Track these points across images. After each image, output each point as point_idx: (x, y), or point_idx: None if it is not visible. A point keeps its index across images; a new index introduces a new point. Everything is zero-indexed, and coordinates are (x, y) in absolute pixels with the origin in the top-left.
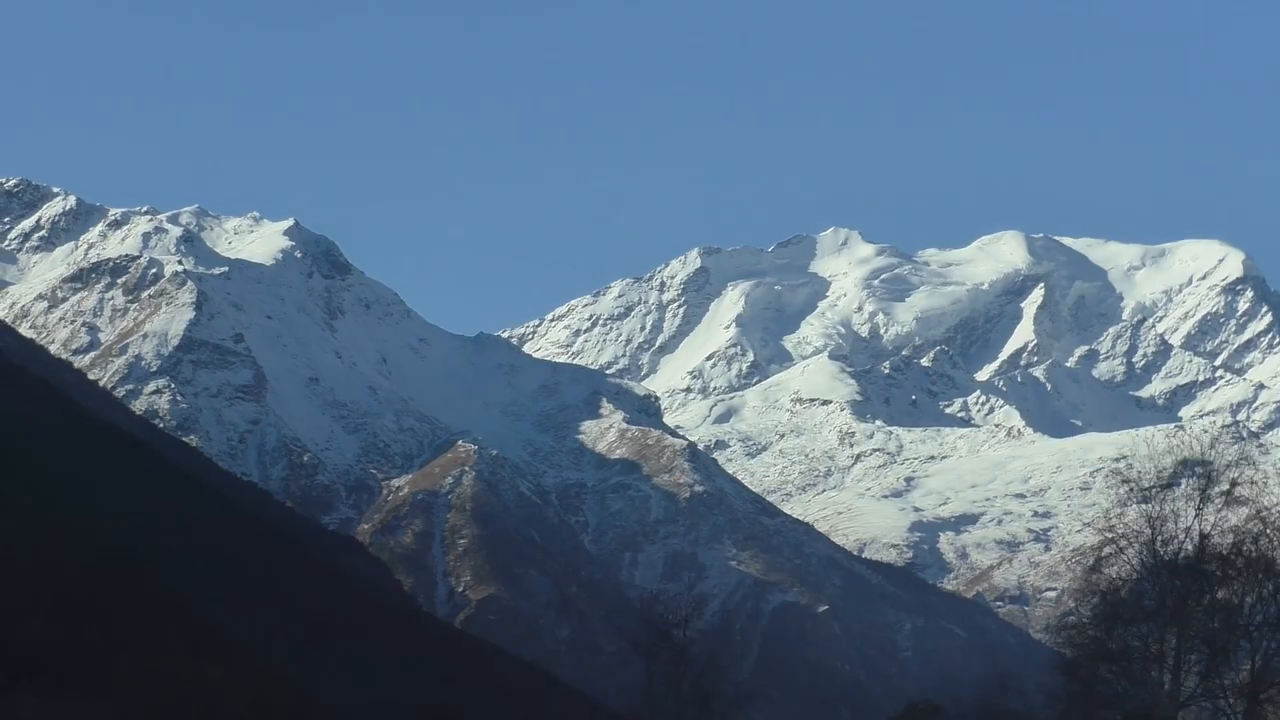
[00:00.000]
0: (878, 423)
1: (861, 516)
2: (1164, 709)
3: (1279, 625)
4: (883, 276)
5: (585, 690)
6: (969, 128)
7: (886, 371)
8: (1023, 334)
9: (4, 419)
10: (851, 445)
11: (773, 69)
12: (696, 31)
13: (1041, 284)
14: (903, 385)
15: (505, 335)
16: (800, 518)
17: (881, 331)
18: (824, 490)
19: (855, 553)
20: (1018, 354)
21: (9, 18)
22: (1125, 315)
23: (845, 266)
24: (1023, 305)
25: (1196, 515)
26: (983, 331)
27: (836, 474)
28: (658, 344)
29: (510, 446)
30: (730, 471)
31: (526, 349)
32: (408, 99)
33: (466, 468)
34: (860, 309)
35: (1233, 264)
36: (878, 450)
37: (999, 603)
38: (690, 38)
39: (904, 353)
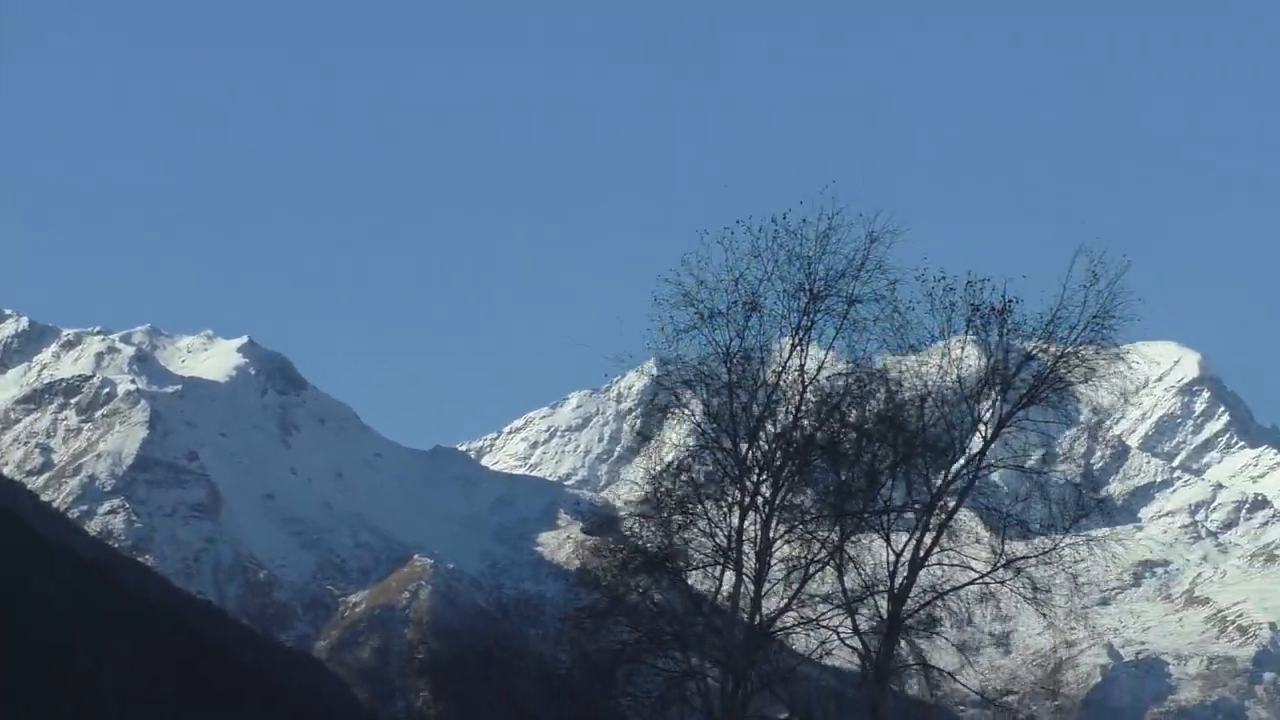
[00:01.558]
0: None
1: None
2: (733, 657)
3: (928, 513)
4: (840, 379)
5: None
6: (938, 234)
7: (843, 476)
8: (979, 438)
9: None
10: None
11: (734, 176)
12: (642, 148)
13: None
14: None
15: (462, 449)
16: None
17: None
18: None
19: (815, 658)
20: (974, 458)
21: None
22: (1081, 418)
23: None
24: (980, 408)
25: (795, 347)
26: None
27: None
28: (616, 454)
29: (468, 560)
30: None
31: (484, 462)
32: (360, 214)
33: (423, 582)
34: None
35: (1189, 365)
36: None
37: (960, 707)
38: (636, 152)
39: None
